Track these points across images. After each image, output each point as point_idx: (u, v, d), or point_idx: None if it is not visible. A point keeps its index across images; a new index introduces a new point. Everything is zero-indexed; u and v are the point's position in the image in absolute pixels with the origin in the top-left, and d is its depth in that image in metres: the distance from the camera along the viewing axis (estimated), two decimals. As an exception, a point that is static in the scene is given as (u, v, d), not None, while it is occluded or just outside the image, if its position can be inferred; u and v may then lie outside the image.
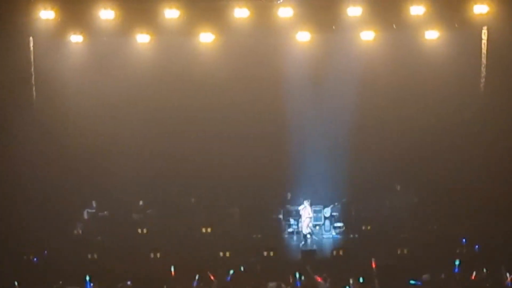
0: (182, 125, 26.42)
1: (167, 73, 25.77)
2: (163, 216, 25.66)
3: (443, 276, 22.03)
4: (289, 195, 26.45)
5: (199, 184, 26.34)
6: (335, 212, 26.13)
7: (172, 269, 21.57)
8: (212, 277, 21.05)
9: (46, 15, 23.25)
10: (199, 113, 26.26)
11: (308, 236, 25.21)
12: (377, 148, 26.13)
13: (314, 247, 24.28)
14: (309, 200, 25.29)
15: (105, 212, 25.58)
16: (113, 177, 25.62)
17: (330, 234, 25.87)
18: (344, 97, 25.87)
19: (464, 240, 24.03)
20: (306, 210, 25.26)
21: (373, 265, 21.24)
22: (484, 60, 24.97)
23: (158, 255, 23.11)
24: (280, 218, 26.11)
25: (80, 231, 25.27)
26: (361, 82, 25.83)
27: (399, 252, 23.22)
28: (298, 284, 20.45)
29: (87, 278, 20.78)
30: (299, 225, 25.59)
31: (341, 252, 23.07)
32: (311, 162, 26.21)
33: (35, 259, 23.22)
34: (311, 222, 25.32)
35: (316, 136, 26.34)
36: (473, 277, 21.97)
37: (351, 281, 21.29)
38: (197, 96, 26.09)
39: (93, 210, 25.59)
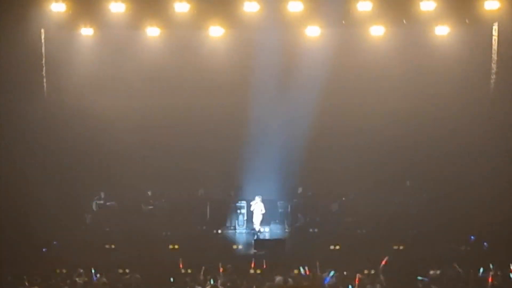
0: (190, 118, 26.44)
1: (177, 67, 25.80)
2: (171, 207, 25.76)
3: (450, 273, 22.01)
4: (300, 190, 26.46)
5: (208, 176, 26.39)
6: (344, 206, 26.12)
7: (180, 261, 21.76)
8: (220, 270, 21.16)
9: (57, 7, 23.42)
10: (208, 106, 26.23)
11: (260, 232, 25.04)
12: (386, 144, 26.03)
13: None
14: (261, 196, 25.15)
15: (114, 203, 25.70)
16: (122, 168, 25.71)
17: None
18: (353, 92, 25.85)
19: (472, 237, 24.00)
20: (258, 206, 25.08)
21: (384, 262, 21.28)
22: (494, 56, 24.76)
23: (165, 247, 23.29)
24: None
25: (89, 222, 25.40)
26: (370, 77, 25.79)
27: (407, 248, 23.24)
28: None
29: (93, 270, 20.98)
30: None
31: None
32: (320, 156, 26.24)
33: (44, 249, 23.45)
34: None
35: (326, 131, 26.32)
36: (480, 275, 21.93)
37: (358, 276, 21.39)
38: (206, 89, 26.10)
39: (102, 201, 25.72)
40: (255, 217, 25.07)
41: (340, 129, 26.40)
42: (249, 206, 25.36)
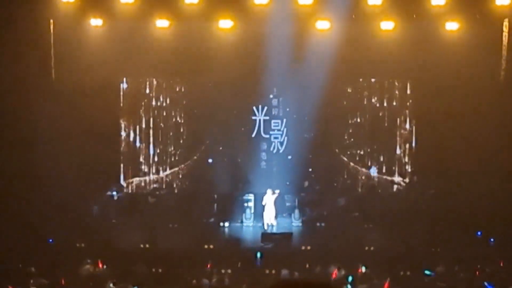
0: (198, 110, 26.41)
1: (186, 59, 25.71)
2: (178, 200, 25.75)
3: (457, 268, 22.02)
4: (306, 183, 26.46)
5: (215, 168, 26.37)
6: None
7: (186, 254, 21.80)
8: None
9: (67, -3, 23.41)
10: (215, 98, 26.21)
11: (271, 226, 24.87)
12: (393, 138, 26.02)
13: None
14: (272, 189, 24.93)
15: (121, 194, 25.71)
16: (129, 161, 25.70)
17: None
18: (361, 86, 25.82)
19: (479, 233, 23.97)
20: (270, 199, 24.87)
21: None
22: (504, 53, 24.67)
23: (173, 239, 23.29)
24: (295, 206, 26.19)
25: (96, 214, 25.41)
26: (379, 71, 25.73)
27: (413, 243, 23.24)
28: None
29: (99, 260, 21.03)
30: None
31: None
32: (327, 150, 26.23)
33: (50, 240, 23.47)
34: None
35: (333, 125, 26.30)
36: (487, 270, 21.93)
37: (363, 269, 21.39)
38: (214, 82, 26.07)
39: (110, 193, 25.71)
40: (267, 211, 24.88)
41: (347, 124, 26.38)
42: (257, 199, 25.23)
